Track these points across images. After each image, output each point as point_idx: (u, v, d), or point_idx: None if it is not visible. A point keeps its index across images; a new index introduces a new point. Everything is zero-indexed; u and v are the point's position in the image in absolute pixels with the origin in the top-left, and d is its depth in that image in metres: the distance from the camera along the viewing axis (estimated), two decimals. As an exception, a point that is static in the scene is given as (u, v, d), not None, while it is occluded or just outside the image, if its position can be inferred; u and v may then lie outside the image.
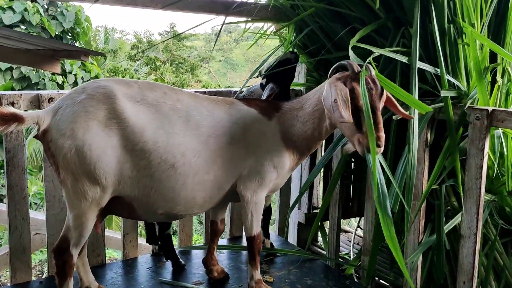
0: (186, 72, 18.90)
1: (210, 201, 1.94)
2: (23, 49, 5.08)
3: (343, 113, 1.65)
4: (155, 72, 17.84)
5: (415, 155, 1.97)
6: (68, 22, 11.78)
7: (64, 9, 11.94)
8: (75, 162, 1.66)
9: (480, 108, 1.96)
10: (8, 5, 10.15)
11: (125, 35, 28.10)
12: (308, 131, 1.96)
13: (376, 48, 2.10)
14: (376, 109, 1.71)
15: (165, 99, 1.84)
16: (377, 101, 1.73)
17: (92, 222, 1.76)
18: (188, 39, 22.71)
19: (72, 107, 1.69)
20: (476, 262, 2.08)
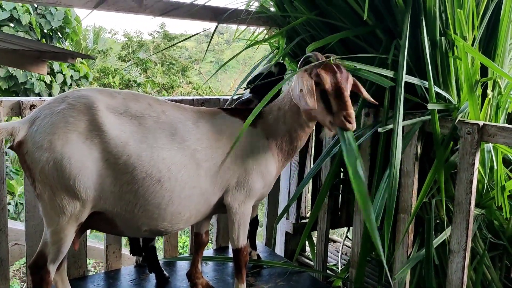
0: (177, 73, 18.78)
1: (197, 215, 1.89)
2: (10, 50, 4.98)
3: (308, 101, 1.68)
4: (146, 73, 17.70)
5: (397, 169, 1.93)
6: (56, 21, 11.63)
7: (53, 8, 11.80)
8: (53, 176, 1.59)
9: (471, 122, 1.93)
10: (-4, 3, 10.00)
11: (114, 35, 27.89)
12: (290, 130, 1.96)
13: (360, 64, 2.06)
14: (342, 89, 1.72)
15: (150, 111, 1.78)
16: (343, 83, 1.74)
17: (71, 238, 1.69)
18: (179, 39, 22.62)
19: (51, 117, 1.62)
20: (465, 277, 2.05)
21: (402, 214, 2.24)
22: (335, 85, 1.72)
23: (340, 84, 1.72)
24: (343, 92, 1.71)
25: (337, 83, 1.72)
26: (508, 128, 1.84)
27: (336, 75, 1.74)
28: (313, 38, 2.53)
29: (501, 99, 2.32)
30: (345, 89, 1.73)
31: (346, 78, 1.77)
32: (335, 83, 1.72)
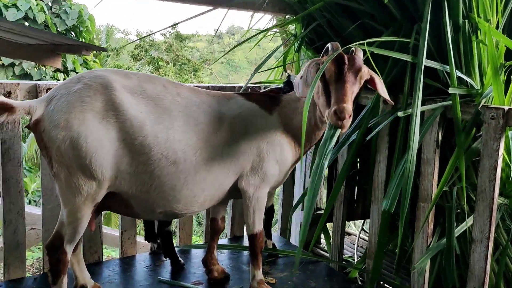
0: (188, 73, 18.85)
1: (211, 199, 1.87)
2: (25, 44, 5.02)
3: (301, 89, 1.67)
4: (158, 72, 17.80)
5: (414, 157, 1.88)
6: (71, 20, 11.77)
7: (68, 7, 11.92)
8: (70, 154, 1.58)
9: (496, 107, 1.88)
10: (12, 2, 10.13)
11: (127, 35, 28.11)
12: (308, 121, 1.90)
13: (378, 50, 2.01)
14: (345, 81, 1.65)
15: (165, 93, 1.77)
16: (348, 75, 1.67)
17: (87, 218, 1.68)
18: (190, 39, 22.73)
19: (67, 96, 1.61)
20: (487, 267, 1.99)
21: (422, 203, 2.18)
22: (338, 76, 1.66)
23: (344, 76, 1.66)
24: (343, 84, 1.64)
25: (340, 74, 1.66)
26: (534, 112, 1.78)
27: (343, 66, 1.68)
28: (330, 23, 2.49)
29: (525, 86, 2.25)
30: (347, 82, 1.66)
31: (356, 71, 1.70)
32: (338, 74, 1.67)
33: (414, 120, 1.86)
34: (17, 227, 2.06)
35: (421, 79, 1.90)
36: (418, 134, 1.87)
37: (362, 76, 1.72)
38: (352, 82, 1.68)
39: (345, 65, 1.68)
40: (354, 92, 1.70)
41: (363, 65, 1.73)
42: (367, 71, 1.74)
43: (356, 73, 1.70)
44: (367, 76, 1.74)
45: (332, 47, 1.77)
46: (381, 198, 2.38)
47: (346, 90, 1.63)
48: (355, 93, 1.72)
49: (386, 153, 2.33)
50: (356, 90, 1.73)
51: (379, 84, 1.79)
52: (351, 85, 1.67)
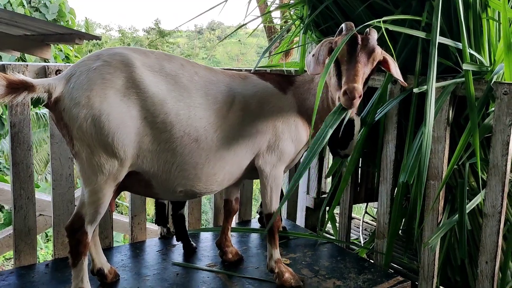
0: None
1: (230, 177, 1.86)
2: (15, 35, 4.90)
3: (312, 66, 1.69)
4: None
5: (431, 131, 1.90)
6: (51, 14, 11.51)
7: (48, 1, 11.65)
8: (92, 132, 1.55)
9: (508, 83, 1.90)
10: (-10, -4, 9.87)
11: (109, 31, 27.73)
12: (322, 103, 1.92)
13: (393, 26, 2.03)
14: (357, 61, 1.66)
15: (183, 71, 1.75)
16: (361, 55, 1.68)
17: (109, 198, 1.65)
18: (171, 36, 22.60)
19: (87, 73, 1.58)
20: (500, 241, 2.03)
21: (432, 180, 2.21)
22: (350, 56, 1.67)
23: (357, 56, 1.67)
24: (355, 64, 1.65)
25: (353, 54, 1.67)
26: (547, 86, 1.82)
27: (356, 46, 1.69)
28: (337, 4, 2.49)
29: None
30: (359, 62, 1.67)
31: (370, 52, 1.70)
32: (351, 54, 1.67)
33: (430, 95, 1.88)
34: (28, 213, 2.01)
35: (435, 55, 1.92)
36: (433, 109, 1.89)
37: (375, 58, 1.72)
38: (364, 63, 1.69)
39: (358, 45, 1.69)
40: (365, 73, 1.71)
41: (376, 46, 1.73)
42: (381, 52, 1.75)
43: (369, 54, 1.70)
44: (380, 57, 1.74)
45: (347, 27, 1.78)
46: (390, 178, 2.41)
47: (357, 70, 1.64)
48: (366, 73, 1.72)
49: (395, 133, 2.36)
50: (368, 71, 1.73)
51: (393, 66, 1.79)
52: (363, 66, 1.68)
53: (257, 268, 2.14)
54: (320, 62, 1.69)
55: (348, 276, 2.10)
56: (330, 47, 1.74)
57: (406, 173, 1.96)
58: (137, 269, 2.09)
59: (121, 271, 2.04)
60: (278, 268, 1.97)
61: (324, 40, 1.80)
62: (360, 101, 1.66)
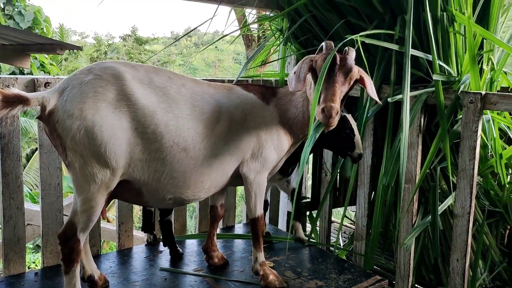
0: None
1: (217, 184, 1.94)
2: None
3: (293, 83, 1.77)
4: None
5: (407, 137, 2.02)
6: (26, 22, 11.37)
7: (22, 8, 11.50)
8: (85, 143, 1.61)
9: (474, 92, 2.05)
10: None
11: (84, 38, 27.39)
12: (299, 115, 2.01)
13: (369, 39, 2.16)
14: (334, 81, 1.74)
15: (171, 83, 1.83)
16: (339, 74, 1.76)
17: (101, 206, 1.71)
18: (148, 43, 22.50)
19: (80, 87, 1.64)
20: (469, 240, 2.17)
21: (406, 184, 2.34)
22: (329, 75, 1.74)
23: (335, 75, 1.75)
24: (333, 84, 1.72)
25: (331, 74, 1.75)
26: (509, 96, 1.97)
27: (335, 66, 1.77)
28: (316, 18, 2.61)
29: (494, 74, 2.46)
30: (337, 81, 1.74)
31: (347, 71, 1.78)
32: (329, 73, 1.74)
33: (405, 104, 2.00)
34: (17, 222, 2.05)
35: (409, 66, 2.05)
36: (409, 117, 2.02)
37: (352, 77, 1.80)
38: (342, 82, 1.77)
39: (337, 65, 1.77)
40: (343, 92, 1.78)
41: (354, 66, 1.81)
42: (358, 71, 1.82)
43: (347, 73, 1.78)
44: (357, 76, 1.82)
45: (327, 46, 1.87)
46: (367, 183, 2.53)
47: (335, 90, 1.72)
48: (344, 92, 1.79)
49: (371, 140, 2.49)
50: (346, 90, 1.80)
51: (369, 84, 1.87)
52: (340, 85, 1.75)
53: (242, 271, 2.22)
54: (301, 79, 1.78)
55: (329, 277, 2.21)
56: (310, 65, 1.82)
57: (387, 177, 2.06)
58: (125, 275, 2.14)
59: (110, 277, 2.09)
60: (263, 271, 2.06)
61: (305, 57, 1.89)
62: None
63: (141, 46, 21.57)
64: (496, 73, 2.46)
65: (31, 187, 9.33)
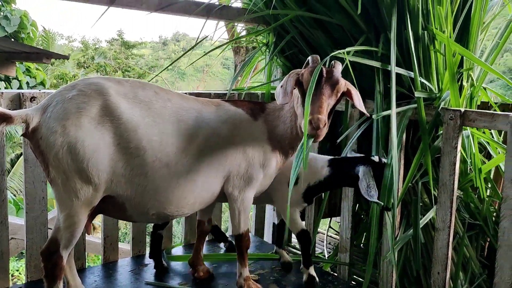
0: (133, 80, 18.53)
1: (201, 201, 1.95)
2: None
3: (281, 97, 1.80)
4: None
5: (396, 152, 2.07)
6: (12, 26, 11.29)
7: (9, 13, 11.42)
8: (67, 159, 1.62)
9: (453, 109, 2.11)
10: None
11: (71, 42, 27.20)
12: (288, 130, 2.02)
13: (355, 57, 2.21)
14: (321, 93, 1.76)
15: (156, 98, 1.84)
16: (325, 87, 1.79)
17: (84, 222, 1.72)
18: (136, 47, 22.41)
19: (63, 103, 1.65)
20: (449, 253, 2.21)
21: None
22: (316, 88, 1.76)
23: (322, 88, 1.77)
24: (320, 96, 1.75)
25: (318, 86, 1.77)
26: (487, 113, 2.03)
27: (321, 79, 1.79)
28: (302, 34, 2.66)
29: (473, 91, 2.53)
30: (324, 94, 1.77)
31: (334, 83, 1.81)
32: (316, 86, 1.77)
33: (393, 120, 2.03)
34: (1, 237, 2.04)
35: (394, 84, 2.10)
36: (396, 133, 2.06)
37: (339, 89, 1.83)
38: (329, 95, 1.80)
39: (323, 77, 1.80)
40: (330, 104, 1.81)
41: (340, 78, 1.84)
42: (344, 84, 1.85)
43: (333, 86, 1.81)
44: (344, 88, 1.85)
45: (313, 60, 1.91)
46: (351, 195, 2.57)
47: (322, 102, 1.74)
48: (331, 105, 1.82)
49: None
50: (333, 102, 1.83)
51: (356, 97, 1.89)
52: (327, 97, 1.78)
53: (227, 285, 2.23)
54: (288, 93, 1.80)
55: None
56: (297, 78, 1.85)
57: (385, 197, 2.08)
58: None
59: (94, 291, 2.09)
60: (247, 286, 2.08)
61: (291, 71, 1.92)
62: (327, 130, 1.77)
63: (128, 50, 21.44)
64: (475, 89, 2.52)
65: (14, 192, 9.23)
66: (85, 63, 19.06)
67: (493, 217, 2.54)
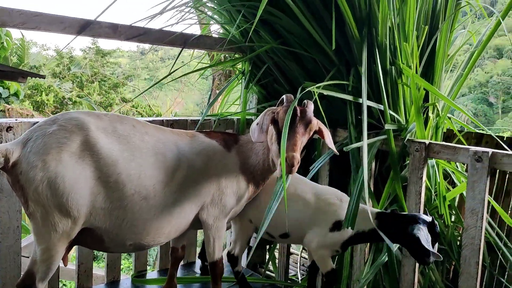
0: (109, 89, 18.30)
1: (177, 229, 2.00)
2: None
3: (256, 134, 1.88)
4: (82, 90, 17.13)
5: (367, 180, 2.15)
6: (-16, 36, 11.08)
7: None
8: (47, 194, 1.65)
9: (419, 141, 2.22)
10: None
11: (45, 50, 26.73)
12: (260, 162, 2.11)
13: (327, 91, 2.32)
14: (295, 132, 1.85)
15: (134, 132, 1.89)
16: (299, 126, 1.88)
17: (61, 255, 1.74)
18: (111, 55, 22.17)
19: (43, 138, 1.68)
20: (416, 278, 2.31)
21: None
22: (290, 126, 1.84)
23: (296, 127, 1.86)
24: (294, 135, 1.84)
25: (292, 125, 1.86)
26: (450, 146, 2.15)
27: (296, 118, 1.88)
28: (277, 64, 2.75)
29: (439, 121, 2.66)
30: (298, 132, 1.85)
31: (307, 123, 1.90)
32: (290, 124, 1.85)
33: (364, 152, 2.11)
34: (-26, 266, 2.03)
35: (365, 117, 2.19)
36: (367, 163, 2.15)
37: (311, 128, 1.93)
38: (302, 133, 1.88)
39: (297, 117, 1.89)
40: (303, 142, 1.90)
41: (313, 118, 1.94)
42: (317, 123, 1.95)
43: (306, 125, 1.90)
44: (316, 127, 1.95)
45: (287, 99, 1.99)
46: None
47: (296, 140, 1.82)
48: (304, 142, 1.91)
49: (327, 180, 2.62)
50: (306, 140, 1.93)
51: (327, 135, 2.00)
52: (301, 136, 1.87)
53: (201, 311, 2.27)
54: (263, 131, 1.88)
55: (286, 315, 2.29)
56: (272, 117, 1.93)
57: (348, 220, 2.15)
58: (84, 317, 2.15)
59: (68, 320, 2.09)
60: (221, 312, 2.12)
61: (266, 110, 2.00)
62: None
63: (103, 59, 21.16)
64: (441, 119, 2.66)
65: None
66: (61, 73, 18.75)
67: (457, 242, 2.65)
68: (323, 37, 2.46)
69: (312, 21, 2.47)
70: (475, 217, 2.02)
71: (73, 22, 2.20)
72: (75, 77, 17.73)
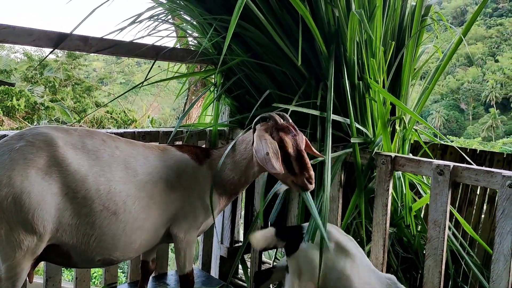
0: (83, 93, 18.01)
1: (147, 244, 2.00)
2: None
3: (275, 165, 1.86)
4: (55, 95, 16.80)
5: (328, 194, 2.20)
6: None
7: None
8: (12, 210, 1.63)
9: (385, 154, 2.29)
10: None
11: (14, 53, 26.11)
12: (235, 177, 2.13)
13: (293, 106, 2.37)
14: (302, 152, 1.94)
15: (104, 147, 1.89)
16: (301, 145, 1.96)
17: (26, 272, 1.72)
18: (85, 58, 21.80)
19: (10, 154, 1.66)
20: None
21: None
22: (296, 148, 1.94)
23: (300, 147, 1.95)
24: (303, 155, 1.93)
25: (298, 146, 1.94)
26: (414, 159, 2.22)
27: (296, 137, 1.96)
28: (248, 76, 2.78)
29: (406, 133, 2.74)
30: (303, 151, 1.95)
31: (302, 139, 2.01)
32: (296, 146, 1.94)
33: (327, 164, 2.18)
34: None
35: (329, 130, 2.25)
36: (330, 176, 2.20)
37: (304, 142, 2.03)
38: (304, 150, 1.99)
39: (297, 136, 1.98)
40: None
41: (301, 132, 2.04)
42: (304, 137, 2.06)
43: (302, 141, 2.01)
44: (305, 141, 2.06)
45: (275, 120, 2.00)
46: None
47: (307, 159, 1.93)
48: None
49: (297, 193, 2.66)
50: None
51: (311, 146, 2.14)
52: (305, 153, 1.97)
53: (172, 324, 2.27)
54: (278, 158, 1.89)
55: (256, 327, 2.31)
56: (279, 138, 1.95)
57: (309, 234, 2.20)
58: (52, 333, 2.12)
59: (35, 336, 2.06)
60: (192, 325, 2.13)
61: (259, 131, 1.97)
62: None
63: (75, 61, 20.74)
64: (407, 131, 2.74)
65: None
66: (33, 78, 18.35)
67: (423, 250, 2.73)
68: (293, 51, 2.51)
69: (283, 36, 2.52)
70: (438, 229, 2.09)
71: (42, 34, 2.19)
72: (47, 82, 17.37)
